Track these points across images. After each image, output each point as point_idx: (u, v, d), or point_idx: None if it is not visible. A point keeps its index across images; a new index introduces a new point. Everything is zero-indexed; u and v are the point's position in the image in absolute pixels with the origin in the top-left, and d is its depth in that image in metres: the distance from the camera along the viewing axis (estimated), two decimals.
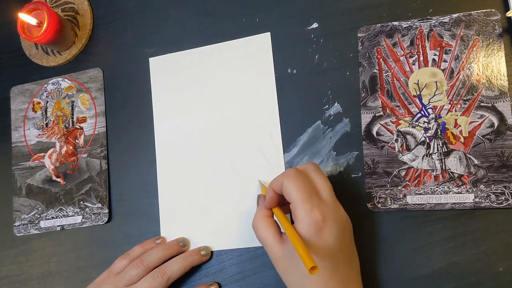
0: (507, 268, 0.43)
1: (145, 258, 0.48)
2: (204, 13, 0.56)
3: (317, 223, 0.38)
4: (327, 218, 0.38)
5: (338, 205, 0.40)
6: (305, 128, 0.50)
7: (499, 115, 0.45)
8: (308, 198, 0.38)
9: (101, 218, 0.54)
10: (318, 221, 0.38)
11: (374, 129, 0.48)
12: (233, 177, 0.51)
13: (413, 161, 0.46)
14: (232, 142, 0.52)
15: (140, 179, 0.54)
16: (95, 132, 0.57)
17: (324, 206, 0.39)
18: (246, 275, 0.49)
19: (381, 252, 0.46)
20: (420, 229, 0.45)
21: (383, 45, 0.49)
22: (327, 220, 0.38)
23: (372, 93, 0.48)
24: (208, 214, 0.51)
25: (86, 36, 0.59)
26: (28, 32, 0.56)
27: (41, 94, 0.60)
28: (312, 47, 0.51)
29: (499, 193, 0.44)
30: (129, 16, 0.58)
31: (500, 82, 0.45)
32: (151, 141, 0.55)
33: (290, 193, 0.39)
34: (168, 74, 0.55)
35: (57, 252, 0.56)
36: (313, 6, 0.52)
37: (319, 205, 0.38)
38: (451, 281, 0.44)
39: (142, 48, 0.57)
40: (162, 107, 0.55)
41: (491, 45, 0.46)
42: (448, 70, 0.47)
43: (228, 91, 0.53)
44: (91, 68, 0.58)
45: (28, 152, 0.59)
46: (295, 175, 0.40)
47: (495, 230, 0.44)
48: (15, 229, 0.57)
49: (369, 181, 0.47)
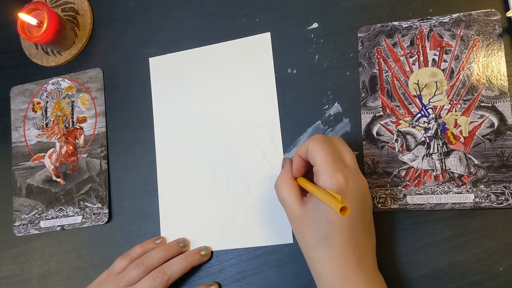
0: (507, 268, 0.43)
1: (145, 259, 0.48)
2: (204, 13, 0.56)
3: (340, 185, 0.38)
4: (350, 182, 0.38)
5: (361, 174, 0.41)
6: (305, 128, 0.50)
7: (499, 115, 0.45)
8: (332, 161, 0.39)
9: (101, 218, 0.54)
10: (340, 183, 0.38)
11: (374, 129, 0.48)
12: (233, 177, 0.51)
13: (413, 161, 0.46)
14: (232, 142, 0.52)
15: (140, 179, 0.54)
16: (95, 132, 0.57)
17: (347, 171, 0.39)
18: (246, 275, 0.49)
19: (381, 252, 0.46)
20: (420, 229, 0.45)
21: (383, 45, 0.49)
22: (349, 184, 0.38)
23: (372, 93, 0.48)
24: (208, 214, 0.51)
25: (86, 36, 0.59)
26: (28, 32, 0.56)
27: (41, 94, 0.60)
28: (312, 47, 0.51)
29: (499, 193, 0.44)
30: (129, 16, 0.58)
31: (500, 82, 0.45)
32: (151, 141, 0.55)
33: (315, 155, 0.39)
34: (168, 74, 0.55)
35: (57, 252, 0.56)
36: (313, 6, 0.52)
37: (343, 170, 0.39)
38: (451, 281, 0.44)
39: (142, 48, 0.57)
40: (162, 107, 0.55)
41: (491, 45, 0.46)
42: (448, 70, 0.47)
43: (228, 91, 0.53)
44: (91, 68, 0.58)
45: (28, 152, 0.59)
46: (321, 139, 0.40)
47: (495, 230, 0.44)
48: (15, 229, 0.57)
49: (369, 181, 0.47)
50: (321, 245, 0.38)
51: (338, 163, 0.39)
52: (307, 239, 0.40)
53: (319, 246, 0.38)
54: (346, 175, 0.38)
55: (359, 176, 0.40)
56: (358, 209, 0.39)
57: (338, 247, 0.38)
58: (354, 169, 0.40)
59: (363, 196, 0.40)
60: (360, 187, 0.39)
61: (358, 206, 0.39)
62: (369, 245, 0.40)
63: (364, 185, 0.40)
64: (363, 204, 0.40)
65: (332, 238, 0.38)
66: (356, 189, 0.39)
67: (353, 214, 0.38)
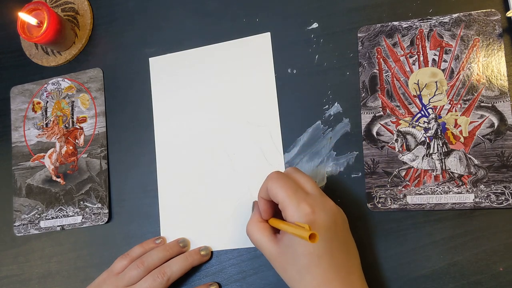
0: (507, 268, 0.43)
1: (145, 259, 0.48)
2: (204, 13, 0.56)
3: (307, 216, 0.38)
4: (316, 209, 0.39)
5: (326, 197, 0.41)
6: (305, 128, 0.50)
7: (499, 115, 0.45)
8: (293, 194, 0.39)
9: (101, 218, 0.54)
10: (307, 214, 0.38)
11: (374, 129, 0.48)
12: (233, 177, 0.51)
13: (413, 161, 0.46)
14: (232, 142, 0.52)
15: (140, 179, 0.54)
16: (95, 132, 0.57)
17: (311, 199, 0.39)
18: (246, 275, 0.49)
19: (381, 252, 0.46)
20: (420, 229, 0.45)
21: (383, 45, 0.49)
22: (316, 211, 0.38)
23: (372, 93, 0.48)
24: (208, 214, 0.51)
25: (86, 36, 0.59)
26: (28, 32, 0.56)
27: (41, 94, 0.60)
28: (312, 47, 0.51)
29: (499, 193, 0.44)
30: (129, 16, 0.58)
31: (500, 82, 0.45)
32: (151, 141, 0.55)
33: (276, 193, 0.39)
34: (168, 74, 0.55)
35: (57, 252, 0.56)
36: (313, 6, 0.52)
37: (306, 199, 0.39)
38: (451, 281, 0.44)
39: (142, 48, 0.57)
40: (162, 107, 0.55)
41: (491, 45, 0.46)
42: (448, 70, 0.47)
43: (228, 91, 0.53)
44: (91, 68, 0.58)
45: (28, 152, 0.59)
46: (277, 176, 0.40)
47: (495, 230, 0.44)
48: (15, 229, 0.57)
49: (369, 181, 0.47)
50: (304, 278, 0.38)
51: (299, 193, 0.39)
52: (289, 275, 0.40)
53: (303, 279, 0.38)
54: (311, 203, 0.39)
55: (324, 199, 0.40)
56: (331, 232, 0.39)
57: (321, 275, 0.38)
58: (317, 195, 0.40)
59: (333, 218, 0.40)
60: (328, 210, 0.39)
61: (331, 229, 0.39)
62: (352, 262, 0.41)
63: (331, 206, 0.40)
64: (335, 225, 0.40)
65: (312, 268, 0.38)
66: (324, 213, 0.39)
67: (327, 238, 0.38)
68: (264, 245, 0.41)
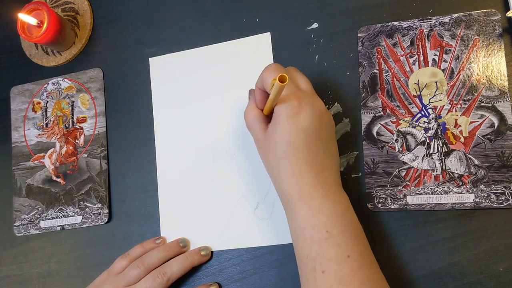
0: (507, 268, 0.43)
1: (145, 259, 0.48)
2: (204, 13, 0.56)
3: (293, 108, 0.40)
4: (303, 103, 0.40)
5: (317, 97, 0.43)
6: None
7: (499, 115, 0.45)
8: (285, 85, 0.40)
9: (101, 218, 0.54)
10: (294, 106, 0.40)
11: (374, 129, 0.48)
12: (233, 177, 0.51)
13: (413, 161, 0.46)
14: (232, 142, 0.52)
15: (140, 179, 0.54)
16: (95, 132, 0.57)
17: (300, 93, 0.41)
18: (246, 275, 0.49)
19: (381, 252, 0.46)
20: (420, 229, 0.45)
21: (383, 45, 0.49)
22: (303, 105, 0.40)
23: (372, 93, 0.48)
24: (208, 214, 0.51)
25: (86, 36, 0.59)
26: (28, 32, 0.56)
27: (41, 94, 0.60)
28: (312, 47, 0.51)
29: (499, 193, 0.44)
30: (129, 16, 0.58)
31: (500, 82, 0.45)
32: (151, 141, 0.55)
33: (269, 84, 0.41)
34: (168, 74, 0.55)
35: (57, 252, 0.56)
36: (313, 6, 0.52)
37: (296, 92, 0.41)
38: (451, 281, 0.44)
39: (142, 48, 0.57)
40: (162, 107, 0.55)
41: (491, 45, 0.46)
42: (448, 70, 0.47)
43: (228, 91, 0.53)
44: (91, 68, 0.58)
45: (28, 152, 0.59)
46: (274, 67, 0.42)
47: (495, 230, 0.44)
48: (15, 229, 0.57)
49: (369, 181, 0.47)
50: (280, 164, 0.40)
51: (291, 87, 0.41)
52: (269, 160, 0.42)
53: (278, 164, 0.41)
54: (299, 97, 0.40)
55: (314, 98, 0.42)
56: (314, 127, 0.40)
57: (295, 163, 0.40)
58: (309, 91, 0.42)
59: (318, 115, 0.41)
60: (315, 107, 0.41)
61: (314, 125, 0.40)
62: (329, 163, 0.42)
63: (320, 106, 0.42)
64: (319, 123, 0.41)
65: (289, 156, 0.40)
66: (310, 108, 0.40)
67: (308, 132, 0.40)
68: (254, 128, 0.44)
